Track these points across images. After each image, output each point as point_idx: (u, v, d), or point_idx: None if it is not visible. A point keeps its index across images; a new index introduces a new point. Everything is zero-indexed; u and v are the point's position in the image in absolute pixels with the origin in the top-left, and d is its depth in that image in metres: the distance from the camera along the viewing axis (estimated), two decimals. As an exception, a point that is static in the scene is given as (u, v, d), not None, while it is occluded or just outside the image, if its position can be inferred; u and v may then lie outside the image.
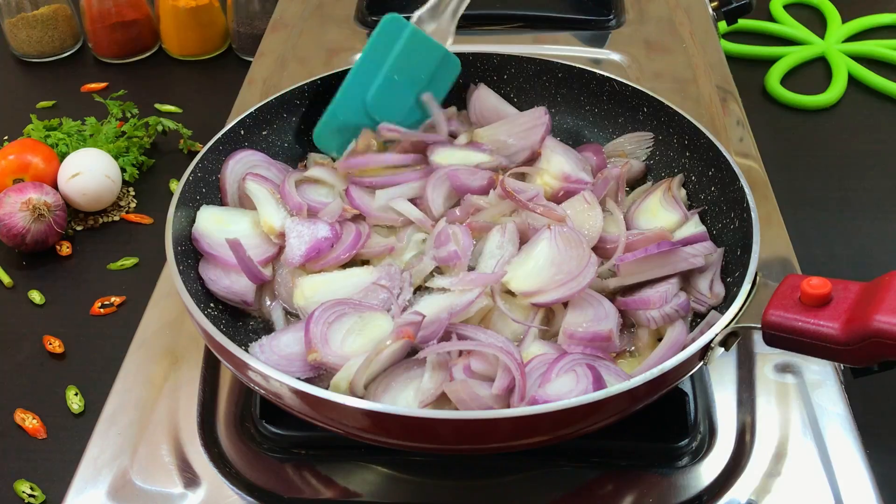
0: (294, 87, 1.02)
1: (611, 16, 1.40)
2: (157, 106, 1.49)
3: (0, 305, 1.14)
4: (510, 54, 1.07)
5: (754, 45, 1.63)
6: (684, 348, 0.70)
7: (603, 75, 1.03)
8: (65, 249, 1.21)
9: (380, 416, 0.66)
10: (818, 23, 1.70)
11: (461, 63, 1.04)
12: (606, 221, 0.89)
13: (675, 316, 0.81)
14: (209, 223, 0.88)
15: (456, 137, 1.03)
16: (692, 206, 0.95)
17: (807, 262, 1.09)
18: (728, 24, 1.47)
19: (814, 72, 1.58)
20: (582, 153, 0.99)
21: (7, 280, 1.16)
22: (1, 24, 1.59)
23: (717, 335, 0.71)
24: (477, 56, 1.07)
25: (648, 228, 0.90)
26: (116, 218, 1.27)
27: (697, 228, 0.90)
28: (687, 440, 0.80)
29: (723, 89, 1.25)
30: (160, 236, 0.83)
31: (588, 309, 0.81)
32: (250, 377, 0.71)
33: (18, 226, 1.16)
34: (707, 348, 0.71)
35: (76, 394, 1.01)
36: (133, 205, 1.30)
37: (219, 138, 0.94)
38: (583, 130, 1.07)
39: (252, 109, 0.98)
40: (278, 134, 1.02)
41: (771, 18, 1.71)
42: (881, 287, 0.68)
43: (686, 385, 0.83)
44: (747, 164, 1.10)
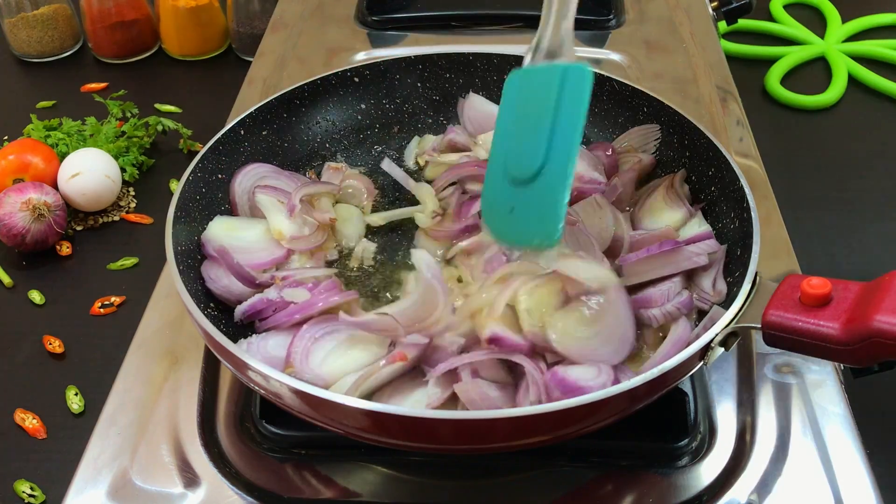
0: (294, 87, 1.02)
1: (611, 16, 1.39)
2: (157, 106, 1.49)
3: (0, 305, 1.14)
4: (510, 54, 1.06)
5: (754, 45, 1.63)
6: (689, 345, 0.70)
7: (603, 75, 1.02)
8: (65, 249, 1.21)
9: (380, 416, 0.66)
10: (818, 23, 1.70)
11: (461, 63, 1.03)
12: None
13: (678, 314, 0.81)
14: (219, 230, 0.89)
15: (463, 150, 1.01)
16: (694, 204, 0.94)
17: (807, 262, 1.09)
18: (728, 24, 1.47)
19: (814, 72, 1.58)
20: (593, 152, 0.98)
21: (7, 280, 1.16)
22: (1, 24, 1.59)
23: (717, 335, 0.71)
24: (477, 56, 1.07)
25: (654, 228, 0.90)
26: (116, 218, 1.27)
27: (702, 227, 0.89)
28: (687, 440, 0.80)
29: (723, 89, 1.25)
30: (160, 236, 0.82)
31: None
32: (250, 377, 0.71)
33: (18, 226, 1.15)
34: (707, 348, 0.71)
35: (76, 394, 1.01)
36: (133, 205, 1.30)
37: (219, 138, 0.94)
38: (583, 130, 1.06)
39: (252, 109, 0.98)
40: (278, 134, 1.02)
41: (771, 18, 1.71)
42: (881, 287, 0.68)
43: (686, 385, 0.83)
44: (747, 164, 1.10)
